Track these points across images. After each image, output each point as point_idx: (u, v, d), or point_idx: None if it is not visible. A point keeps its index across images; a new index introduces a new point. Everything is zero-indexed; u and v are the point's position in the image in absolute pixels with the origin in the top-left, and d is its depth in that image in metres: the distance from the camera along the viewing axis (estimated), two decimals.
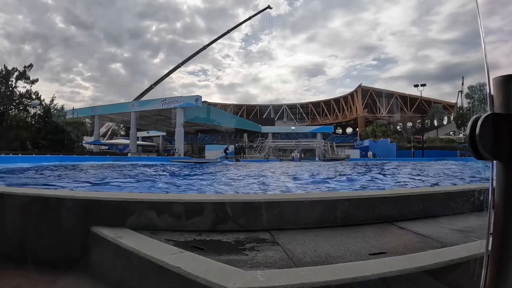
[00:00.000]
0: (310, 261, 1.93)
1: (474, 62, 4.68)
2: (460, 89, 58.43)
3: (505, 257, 0.61)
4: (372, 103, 67.70)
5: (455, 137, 50.37)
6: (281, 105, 79.62)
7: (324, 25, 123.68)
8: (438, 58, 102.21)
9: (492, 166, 0.64)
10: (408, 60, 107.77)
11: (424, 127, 54.78)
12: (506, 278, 0.61)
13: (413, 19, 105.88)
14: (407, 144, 45.51)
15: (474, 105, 51.09)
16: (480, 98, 50.61)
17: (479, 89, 50.97)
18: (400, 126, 58.65)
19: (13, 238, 2.41)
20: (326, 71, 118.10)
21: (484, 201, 0.67)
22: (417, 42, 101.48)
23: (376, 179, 10.77)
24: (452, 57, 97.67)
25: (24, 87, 41.78)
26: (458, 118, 55.26)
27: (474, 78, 55.80)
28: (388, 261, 1.71)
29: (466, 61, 62.63)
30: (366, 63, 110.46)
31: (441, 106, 59.79)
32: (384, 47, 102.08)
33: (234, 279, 1.43)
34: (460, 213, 3.06)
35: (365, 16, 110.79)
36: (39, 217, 2.37)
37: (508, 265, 0.60)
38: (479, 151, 0.60)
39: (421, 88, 46.87)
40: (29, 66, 42.05)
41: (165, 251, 1.84)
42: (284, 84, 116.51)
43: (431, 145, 43.30)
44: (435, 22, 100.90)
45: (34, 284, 1.98)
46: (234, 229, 2.53)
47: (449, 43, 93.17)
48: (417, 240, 2.34)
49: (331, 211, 2.76)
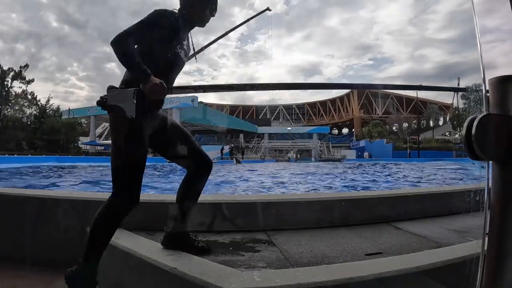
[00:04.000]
0: (307, 261, 1.93)
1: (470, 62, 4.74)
2: None
3: (500, 257, 0.61)
4: (368, 104, 67.92)
5: (451, 138, 50.57)
6: (277, 106, 79.73)
7: (320, 23, 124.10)
8: (435, 58, 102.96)
9: (488, 167, 0.64)
10: (405, 60, 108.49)
11: (420, 127, 55.01)
12: (501, 278, 0.61)
13: (410, 17, 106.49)
14: (403, 145, 45.65)
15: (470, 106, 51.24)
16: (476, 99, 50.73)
17: (475, 90, 51.29)
18: (396, 126, 58.84)
19: (10, 238, 2.39)
20: (322, 71, 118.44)
21: (480, 202, 0.67)
22: (414, 42, 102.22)
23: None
24: (449, 56, 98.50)
25: (20, 87, 41.61)
26: (454, 118, 55.56)
27: (469, 79, 55.99)
28: (385, 261, 1.72)
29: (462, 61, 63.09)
30: (362, 63, 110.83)
31: (437, 106, 60.04)
32: (381, 47, 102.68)
33: (230, 279, 1.43)
34: (456, 213, 3.08)
35: (361, 15, 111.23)
36: (36, 217, 2.36)
37: (504, 265, 0.61)
38: (475, 152, 0.61)
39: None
40: (25, 66, 41.91)
41: (162, 251, 1.83)
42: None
43: (427, 146, 43.44)
44: (432, 21, 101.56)
45: (32, 284, 1.97)
46: (231, 230, 2.53)
47: (446, 42, 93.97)
48: (413, 240, 2.35)
49: (328, 211, 2.77)
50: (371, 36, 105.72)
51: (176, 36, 1.76)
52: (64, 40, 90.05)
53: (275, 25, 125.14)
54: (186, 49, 1.87)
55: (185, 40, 1.86)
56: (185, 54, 1.86)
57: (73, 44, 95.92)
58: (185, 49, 1.84)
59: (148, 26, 1.67)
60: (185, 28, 1.86)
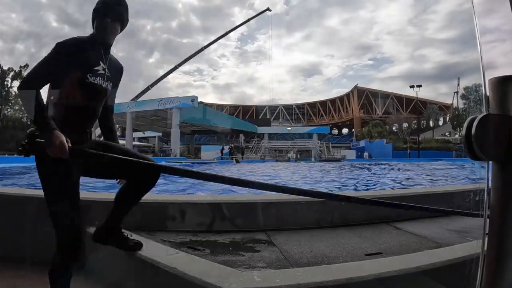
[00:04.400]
0: (307, 261, 1.93)
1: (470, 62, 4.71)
2: (455, 90, 58.78)
3: (500, 258, 0.61)
4: (368, 104, 67.90)
5: (451, 138, 50.55)
6: (277, 106, 79.68)
7: (320, 23, 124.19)
8: (435, 58, 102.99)
9: (487, 167, 0.64)
10: (405, 60, 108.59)
11: (420, 127, 54.97)
12: (501, 278, 0.61)
13: (410, 18, 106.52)
14: (403, 145, 45.59)
15: (470, 106, 51.54)
16: (476, 99, 51.18)
17: (475, 90, 51.36)
18: (396, 127, 58.82)
19: (10, 238, 2.39)
20: (322, 71, 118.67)
21: (480, 202, 0.67)
22: (414, 42, 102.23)
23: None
24: (449, 56, 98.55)
25: None
26: (453, 119, 55.54)
27: (469, 79, 56.15)
28: (384, 261, 1.72)
29: (462, 61, 63.10)
30: (362, 63, 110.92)
31: (437, 107, 60.04)
32: (381, 47, 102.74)
33: (230, 279, 1.43)
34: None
35: (361, 15, 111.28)
36: (36, 217, 2.35)
37: (504, 265, 0.61)
38: (475, 152, 0.61)
39: (416, 89, 47.01)
40: (25, 66, 41.86)
41: (162, 251, 1.83)
42: (280, 84, 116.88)
43: (427, 146, 43.39)
44: (432, 21, 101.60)
45: (32, 284, 1.97)
46: (231, 230, 2.53)
47: (446, 42, 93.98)
48: (413, 241, 2.35)
49: (327, 211, 2.77)
50: (371, 36, 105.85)
51: (84, 64, 1.62)
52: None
53: (275, 25, 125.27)
54: (105, 72, 1.70)
55: (100, 63, 1.68)
56: (105, 78, 1.69)
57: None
58: (102, 74, 1.67)
59: (51, 62, 1.57)
60: (96, 49, 1.68)
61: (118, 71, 1.83)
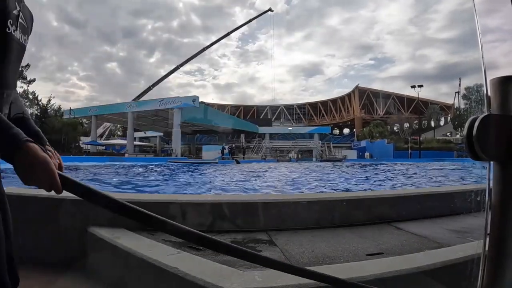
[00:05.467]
0: (308, 261, 1.93)
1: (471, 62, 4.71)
2: (457, 90, 58.70)
3: (501, 258, 0.61)
4: (369, 104, 67.85)
5: (452, 138, 50.47)
6: (279, 106, 79.72)
7: (321, 23, 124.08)
8: (436, 58, 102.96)
9: (489, 167, 0.64)
10: (406, 60, 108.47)
11: (421, 128, 54.93)
12: (502, 278, 0.61)
13: (411, 17, 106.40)
14: (404, 145, 45.56)
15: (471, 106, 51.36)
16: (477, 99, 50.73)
17: (476, 90, 51.25)
18: (397, 127, 58.77)
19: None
20: (323, 71, 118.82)
21: (481, 202, 0.67)
22: (415, 41, 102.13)
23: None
24: (450, 56, 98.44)
25: (21, 87, 41.64)
26: (455, 119, 55.46)
27: (471, 79, 56.05)
28: (386, 262, 1.71)
29: (463, 61, 63.01)
30: (363, 63, 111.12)
31: (438, 107, 59.94)
32: (382, 46, 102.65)
33: (231, 279, 1.43)
34: (457, 213, 3.07)
35: (362, 14, 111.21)
36: (36, 217, 2.36)
37: (505, 265, 0.61)
38: (476, 152, 0.61)
39: (418, 89, 46.99)
40: (25, 66, 41.89)
41: (163, 251, 1.83)
42: (281, 84, 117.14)
43: (428, 146, 43.35)
44: (433, 21, 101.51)
45: (32, 284, 1.97)
46: (232, 230, 2.53)
47: (447, 42, 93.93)
48: (414, 241, 2.35)
49: (329, 211, 2.77)
50: (372, 36, 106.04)
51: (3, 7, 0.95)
52: (64, 40, 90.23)
53: (276, 24, 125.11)
54: (24, 22, 1.07)
55: (17, 8, 1.02)
56: (23, 31, 1.07)
57: (73, 43, 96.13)
58: (22, 24, 1.06)
59: None
60: None
61: (31, 20, 1.17)
